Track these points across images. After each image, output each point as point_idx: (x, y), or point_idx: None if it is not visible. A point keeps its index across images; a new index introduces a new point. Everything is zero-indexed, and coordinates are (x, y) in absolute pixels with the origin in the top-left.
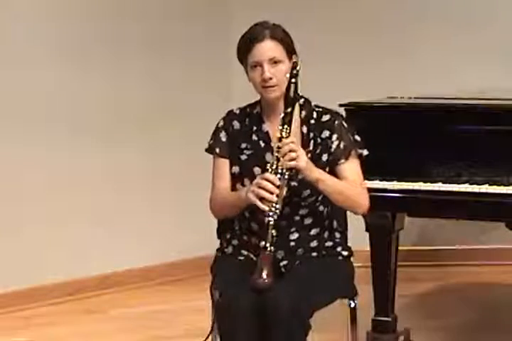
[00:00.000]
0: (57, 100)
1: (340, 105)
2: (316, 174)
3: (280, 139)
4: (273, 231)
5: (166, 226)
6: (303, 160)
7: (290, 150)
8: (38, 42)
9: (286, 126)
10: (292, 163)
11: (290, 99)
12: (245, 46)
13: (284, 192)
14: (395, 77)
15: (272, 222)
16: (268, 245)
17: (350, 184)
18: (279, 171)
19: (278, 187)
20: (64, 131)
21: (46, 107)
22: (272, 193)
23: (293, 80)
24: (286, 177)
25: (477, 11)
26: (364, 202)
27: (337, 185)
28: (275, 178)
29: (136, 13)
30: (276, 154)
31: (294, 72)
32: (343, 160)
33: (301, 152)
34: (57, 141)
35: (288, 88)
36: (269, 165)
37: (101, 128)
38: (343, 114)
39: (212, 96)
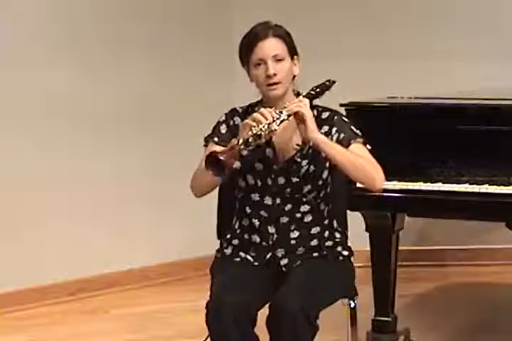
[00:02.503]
0: (57, 100)
1: (341, 105)
2: (321, 135)
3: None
4: (251, 138)
5: (166, 227)
6: (309, 112)
7: (299, 101)
8: (38, 43)
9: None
10: (296, 106)
11: (317, 90)
12: (248, 44)
13: (277, 126)
14: (395, 77)
15: (253, 131)
16: (240, 141)
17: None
18: (282, 111)
19: (272, 117)
20: (64, 130)
21: (46, 107)
22: (265, 118)
23: (327, 83)
24: (285, 117)
25: (479, 11)
26: (379, 174)
27: (345, 153)
28: (274, 111)
29: (137, 14)
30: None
31: (329, 84)
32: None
33: (310, 110)
34: (57, 141)
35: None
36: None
37: (102, 128)
38: (343, 113)
39: (213, 96)
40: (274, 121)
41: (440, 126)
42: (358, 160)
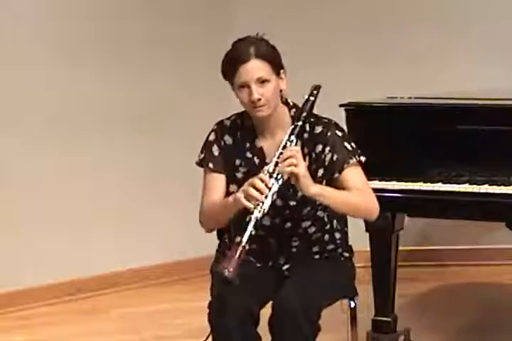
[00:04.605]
0: (56, 100)
1: (341, 105)
2: (316, 189)
3: (284, 147)
4: (252, 229)
5: (166, 226)
6: (302, 169)
7: (291, 156)
8: (38, 43)
9: (293, 138)
10: (289, 169)
11: (304, 115)
12: (230, 68)
13: (274, 196)
14: (395, 77)
15: (253, 219)
16: (244, 241)
17: (354, 192)
18: (275, 176)
19: (270, 189)
20: (64, 130)
21: (46, 107)
22: (261, 193)
23: (311, 98)
24: (279, 182)
25: (478, 10)
26: (373, 205)
27: (340, 197)
28: (267, 179)
29: (137, 14)
30: (275, 159)
31: (315, 92)
32: (337, 175)
33: (302, 162)
34: (57, 141)
35: (304, 105)
36: (266, 167)
37: (103, 128)
38: (343, 114)
39: (212, 96)
40: (269, 189)
41: (440, 126)
42: (352, 201)
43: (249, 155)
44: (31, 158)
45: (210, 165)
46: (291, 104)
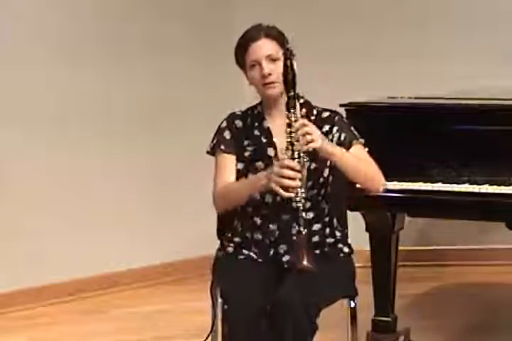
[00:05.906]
0: (56, 100)
1: (341, 105)
2: (334, 149)
3: (290, 125)
4: (303, 214)
5: (165, 226)
6: (319, 141)
7: (305, 134)
8: (38, 43)
9: (292, 111)
10: (310, 145)
11: (289, 82)
12: (242, 47)
13: (305, 173)
14: (396, 77)
15: (301, 207)
16: (302, 229)
17: (364, 162)
18: (296, 156)
19: (299, 172)
20: (64, 130)
21: (46, 107)
22: (294, 180)
23: (288, 63)
24: (304, 160)
25: (478, 11)
26: (381, 178)
27: (354, 160)
28: (295, 164)
29: (138, 14)
30: (288, 139)
31: (288, 54)
32: (344, 151)
33: (315, 131)
34: (56, 141)
35: (285, 71)
36: (284, 150)
37: (103, 128)
38: (343, 113)
39: (212, 96)
40: (300, 172)
41: (440, 126)
42: (362, 167)
43: (256, 133)
44: (31, 158)
45: (222, 146)
46: (300, 94)
